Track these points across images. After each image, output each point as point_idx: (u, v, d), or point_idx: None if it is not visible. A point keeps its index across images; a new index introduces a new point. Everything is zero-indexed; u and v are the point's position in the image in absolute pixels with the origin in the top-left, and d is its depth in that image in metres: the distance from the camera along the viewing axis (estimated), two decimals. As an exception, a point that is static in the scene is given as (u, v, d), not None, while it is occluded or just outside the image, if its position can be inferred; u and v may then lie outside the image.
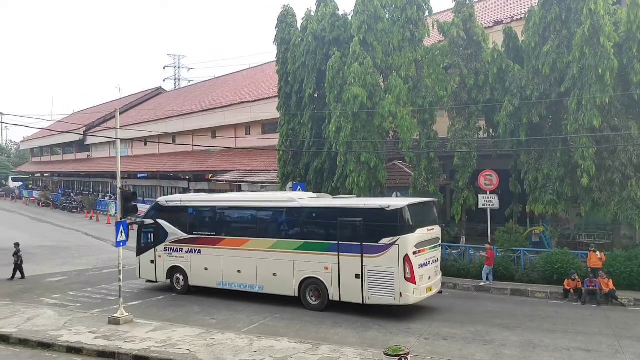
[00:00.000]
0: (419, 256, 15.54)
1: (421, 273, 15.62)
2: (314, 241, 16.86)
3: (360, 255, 15.82)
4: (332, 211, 17.03)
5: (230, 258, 18.26)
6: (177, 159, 43.77)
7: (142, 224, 20.56)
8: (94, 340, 13.61)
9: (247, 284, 18.13)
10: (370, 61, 22.34)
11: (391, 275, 15.31)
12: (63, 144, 68.08)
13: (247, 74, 49.41)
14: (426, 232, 16.18)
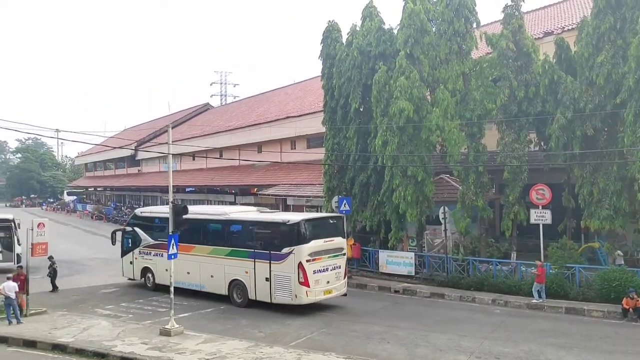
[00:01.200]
0: (313, 263, 18.01)
1: (317, 278, 18.11)
2: (238, 249, 19.63)
3: (269, 262, 18.51)
4: (250, 224, 19.87)
5: (182, 262, 19.75)
6: (224, 173, 44.52)
7: (124, 231, 24.27)
8: (147, 351, 13.90)
9: (194, 284, 20.94)
10: (417, 74, 22.24)
11: (289, 279, 17.98)
12: (115, 159, 70.41)
13: (292, 89, 49.94)
14: (323, 243, 18.63)
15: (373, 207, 24.84)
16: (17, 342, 15.31)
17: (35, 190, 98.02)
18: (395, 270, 23.73)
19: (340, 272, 19.24)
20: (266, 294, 18.64)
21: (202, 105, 68.40)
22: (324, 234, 19.08)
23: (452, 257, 22.54)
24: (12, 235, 27.30)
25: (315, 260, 18.16)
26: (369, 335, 15.44)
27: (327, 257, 18.72)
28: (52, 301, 20.35)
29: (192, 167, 50.50)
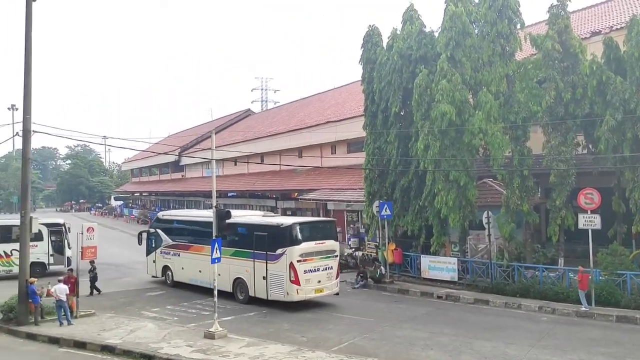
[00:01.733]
0: (304, 264, 19.36)
1: (307, 277, 19.49)
2: (240, 249, 21.17)
3: (266, 262, 20.05)
4: (251, 226, 21.35)
5: (195, 261, 22.88)
6: (265, 178, 44.96)
7: (149, 232, 26.56)
8: (191, 353, 14.16)
9: (205, 281, 22.10)
10: (459, 77, 21.96)
11: (282, 277, 19.47)
12: (160, 165, 72.07)
13: (332, 94, 50.06)
14: (314, 245, 19.98)
15: (414, 212, 24.61)
16: (67, 343, 15.85)
17: (84, 195, 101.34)
18: (438, 276, 23.44)
19: (331, 272, 20.41)
20: (263, 292, 20.22)
21: (243, 111, 69.36)
22: (316, 236, 20.47)
23: (496, 262, 22.09)
24: (62, 239, 28.31)
25: (306, 261, 19.52)
26: (412, 342, 15.29)
27: (319, 258, 20.02)
28: (101, 303, 20.98)
29: (234, 172, 51.21)
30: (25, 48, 18.45)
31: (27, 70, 18.45)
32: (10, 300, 18.39)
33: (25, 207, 18.76)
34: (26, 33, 18.44)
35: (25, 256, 18.48)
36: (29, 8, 18.40)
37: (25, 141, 18.62)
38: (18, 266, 19.13)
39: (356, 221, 34.05)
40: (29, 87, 18.49)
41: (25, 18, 18.41)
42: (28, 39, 18.46)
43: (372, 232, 27.25)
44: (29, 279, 18.00)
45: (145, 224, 62.09)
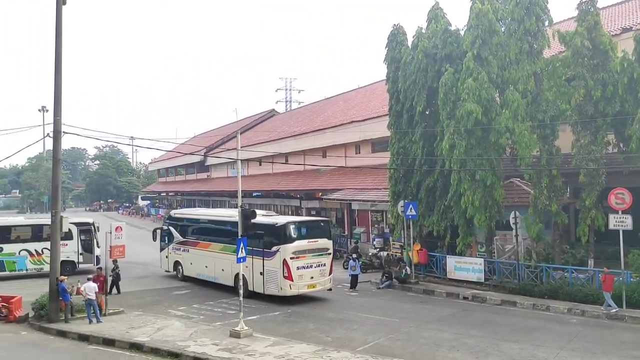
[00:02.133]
0: (297, 261, 20.51)
1: (300, 273, 20.62)
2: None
3: (262, 258, 21.26)
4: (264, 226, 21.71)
5: (202, 257, 24.85)
6: (290, 178, 45.11)
7: (162, 229, 28.30)
8: (218, 352, 14.28)
9: (211, 276, 24.21)
10: (485, 76, 21.71)
11: (276, 273, 20.68)
12: (186, 165, 72.87)
13: (356, 93, 49.96)
14: (307, 243, 21.10)
15: (440, 212, 24.41)
16: (97, 340, 16.13)
17: (112, 195, 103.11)
18: (464, 277, 23.21)
19: (324, 269, 21.53)
20: (260, 286, 21.49)
21: (268, 112, 69.68)
22: (309, 235, 21.59)
23: (524, 263, 21.76)
24: (92, 238, 28.85)
25: (299, 258, 20.69)
26: (438, 343, 15.17)
27: (311, 255, 21.13)
28: (129, 301, 21.29)
29: (259, 172, 51.49)
30: (56, 51, 18.84)
31: (57, 72, 18.84)
32: (42, 297, 18.82)
33: (56, 207, 19.16)
34: (56, 36, 18.82)
35: (56, 254, 18.87)
36: (59, 12, 18.78)
37: (56, 142, 19.01)
38: (49, 264, 19.55)
39: (380, 221, 33.92)
40: (59, 89, 18.88)
41: (56, 22, 18.79)
42: (58, 42, 18.83)
43: (397, 232, 27.11)
44: (60, 277, 18.38)
45: (172, 224, 63.04)
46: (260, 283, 21.41)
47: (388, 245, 30.51)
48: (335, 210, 39.97)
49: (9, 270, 27.16)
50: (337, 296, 22.71)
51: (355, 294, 23.24)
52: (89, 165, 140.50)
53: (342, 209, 38.37)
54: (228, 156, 42.48)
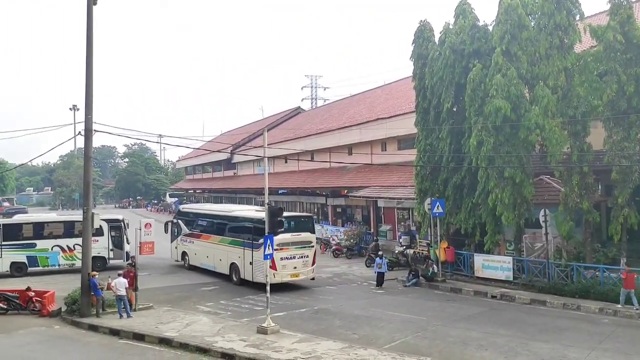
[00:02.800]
0: (280, 252, 22.08)
1: (284, 264, 22.69)
2: (234, 238, 24.98)
3: (252, 249, 23.17)
4: (242, 219, 25.32)
5: (204, 248, 27.45)
6: (316, 175, 45.16)
7: (172, 222, 30.45)
8: (245, 348, 14.41)
9: (211, 265, 26.75)
10: (514, 71, 21.38)
11: (263, 263, 20.52)
12: (212, 163, 73.59)
13: (382, 91, 49.69)
14: (290, 236, 22.88)
15: (467, 210, 24.14)
16: (127, 334, 16.43)
17: (141, 192, 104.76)
18: (492, 275, 22.94)
19: (307, 260, 23.46)
20: (250, 275, 23.48)
21: (293, 109, 69.80)
22: (293, 229, 23.35)
23: (553, 262, 21.39)
24: (122, 235, 29.35)
25: (282, 250, 22.39)
26: (465, 341, 15.03)
27: (294, 247, 23.08)
28: (157, 297, 21.63)
29: (285, 170, 51.64)
30: (87, 51, 19.21)
31: (88, 72, 19.21)
32: (74, 292, 19.25)
33: (87, 204, 19.55)
34: (87, 36, 19.18)
35: (87, 250, 19.26)
36: (89, 12, 19.13)
37: (87, 140, 19.39)
38: (80, 260, 19.96)
39: (407, 219, 33.75)
40: (90, 88, 19.24)
41: (87, 22, 19.15)
42: (89, 42, 19.20)
43: (424, 230, 26.91)
44: (91, 273, 18.77)
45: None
46: (250, 272, 23.44)
47: (414, 243, 30.34)
48: (361, 208, 39.89)
49: (42, 266, 27.83)
50: (364, 294, 22.71)
51: (382, 291, 23.18)
52: (118, 163, 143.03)
53: (368, 207, 38.26)
54: (254, 154, 42.73)
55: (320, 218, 46.01)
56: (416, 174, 26.92)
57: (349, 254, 32.91)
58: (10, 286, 22.05)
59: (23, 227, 28.64)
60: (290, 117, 66.29)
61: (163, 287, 24.11)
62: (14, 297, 19.92)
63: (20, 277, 26.18)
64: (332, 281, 25.82)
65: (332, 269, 29.05)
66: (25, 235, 28.17)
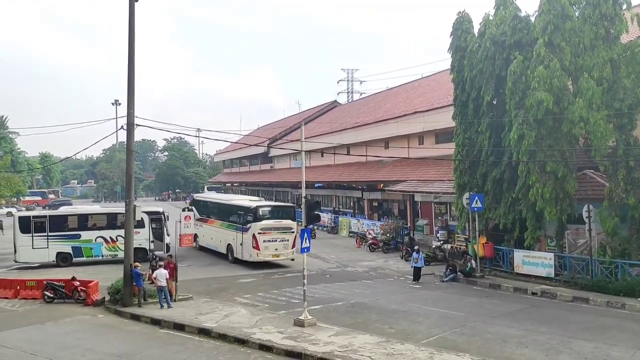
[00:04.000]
0: (263, 235, 26.56)
1: (266, 245, 26.64)
2: (231, 223, 29.43)
3: (242, 233, 27.55)
4: (237, 207, 29.62)
5: (210, 231, 31.80)
6: (352, 169, 45.10)
7: (188, 208, 32.23)
8: (282, 340, 14.54)
9: (214, 245, 31.15)
10: (557, 63, 20.82)
11: (249, 244, 26.82)
12: (249, 156, 74.32)
13: (419, 84, 49.16)
14: (272, 222, 27.14)
15: (507, 205, 23.70)
16: (168, 324, 16.79)
17: (180, 185, 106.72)
18: (532, 272, 22.50)
19: (287, 243, 27.27)
20: (240, 254, 27.74)
21: (329, 103, 69.77)
22: (275, 216, 27.80)
23: (597, 259, 20.82)
24: (162, 227, 29.98)
25: (265, 233, 26.64)
26: (505, 338, 14.79)
27: (276, 232, 26.99)
28: (197, 288, 22.03)
29: (321, 164, 51.76)
30: (129, 47, 19.62)
31: (130, 68, 19.64)
32: (116, 282, 19.77)
33: (129, 196, 20.02)
34: (129, 33, 19.60)
35: (129, 242, 19.75)
36: (131, 9, 19.53)
37: (129, 134, 19.84)
38: (122, 251, 20.48)
39: (444, 213, 33.39)
40: (132, 83, 19.67)
41: (129, 19, 19.56)
42: (131, 39, 19.60)
43: (462, 225, 26.56)
44: (133, 263, 19.25)
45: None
46: (240, 251, 27.67)
47: (452, 238, 29.99)
48: (397, 202, 39.66)
49: (86, 256, 28.67)
50: (400, 288, 22.62)
51: (419, 286, 23.03)
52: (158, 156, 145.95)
53: (404, 201, 38.02)
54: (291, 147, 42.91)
55: (356, 212, 46.00)
56: (454, 168, 26.57)
57: (386, 249, 32.79)
58: (56, 276, 22.79)
59: (68, 218, 29.55)
60: (326, 111, 66.32)
61: (202, 279, 24.54)
62: (60, 287, 20.62)
63: (66, 267, 27.03)
64: (368, 275, 25.79)
65: (368, 263, 29.01)
66: (70, 226, 29.07)
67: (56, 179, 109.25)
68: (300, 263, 16.50)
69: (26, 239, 28.01)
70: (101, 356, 13.83)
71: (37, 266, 27.88)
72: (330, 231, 43.21)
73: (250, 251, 26.78)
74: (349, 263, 29.22)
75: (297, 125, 55.71)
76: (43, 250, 28.10)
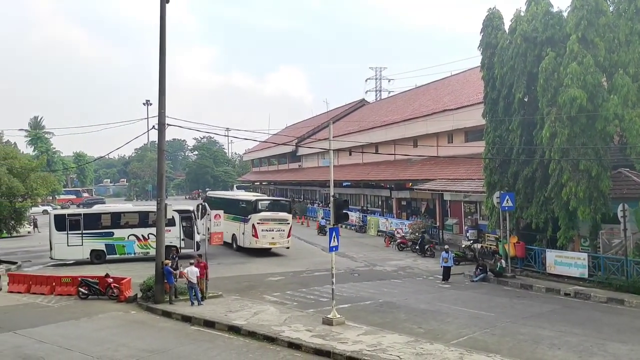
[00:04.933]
0: (262, 225, 29.83)
1: (264, 234, 29.96)
2: (235, 215, 32.17)
3: (244, 223, 31.21)
4: (240, 201, 33.61)
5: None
6: (380, 168, 44.91)
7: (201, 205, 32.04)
8: (311, 338, 14.61)
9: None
10: (591, 59, 20.37)
11: (249, 233, 30.31)
12: (278, 155, 74.75)
13: (448, 81, 48.64)
14: (270, 214, 30.94)
15: (539, 204, 23.28)
16: (198, 321, 17.05)
17: (210, 184, 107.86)
18: (565, 272, 22.07)
19: (283, 233, 30.54)
20: (242, 242, 31.48)
21: (357, 102, 69.61)
22: (273, 209, 31.97)
23: (633, 259, 20.29)
24: (192, 225, 30.39)
25: (263, 224, 29.98)
26: (536, 340, 14.56)
27: (273, 223, 30.42)
28: (226, 286, 22.28)
29: (349, 162, 51.70)
30: (160, 50, 19.96)
31: (161, 69, 19.98)
32: (148, 280, 20.16)
33: (160, 195, 20.39)
34: (160, 36, 19.92)
35: (161, 239, 20.11)
36: (162, 10, 19.84)
37: (160, 134, 20.19)
38: (154, 249, 20.86)
39: (474, 212, 32.99)
40: (163, 84, 20.00)
41: (160, 20, 19.88)
42: (162, 42, 19.93)
43: (492, 224, 26.20)
44: (164, 261, 19.58)
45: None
46: (242, 240, 31.35)
47: (482, 237, 29.62)
48: (426, 201, 39.35)
49: (119, 254, 29.28)
50: (429, 288, 22.47)
51: (448, 286, 22.84)
52: (188, 155, 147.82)
53: (433, 200, 37.69)
54: (319, 146, 42.96)
55: (384, 211, 45.81)
56: (484, 166, 26.22)
57: (414, 248, 32.60)
58: (90, 273, 23.37)
59: (102, 216, 30.25)
60: (354, 110, 66.17)
61: (231, 277, 24.81)
62: (94, 283, 21.13)
63: (99, 264, 27.67)
64: (396, 274, 25.68)
65: (396, 262, 28.89)
66: (104, 224, 29.75)
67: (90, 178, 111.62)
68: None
69: (61, 237, 28.76)
70: (134, 352, 14.12)
71: (72, 263, 28.59)
72: (359, 230, 43.15)
73: (250, 239, 30.34)
74: (377, 262, 29.15)
75: (325, 124, 55.76)
76: (77, 248, 28.81)
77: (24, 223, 31.10)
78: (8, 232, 29.75)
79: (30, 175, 28.24)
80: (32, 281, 22.67)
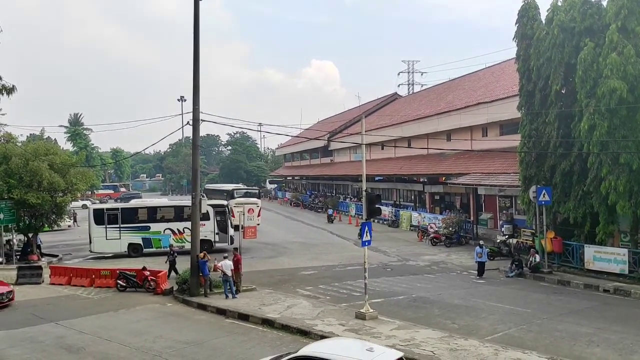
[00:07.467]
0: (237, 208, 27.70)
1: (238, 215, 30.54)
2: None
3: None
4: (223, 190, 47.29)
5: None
6: (412, 162, 44.54)
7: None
8: (344, 332, 14.66)
9: None
10: (632, 49, 19.77)
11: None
12: (310, 150, 74.85)
13: (482, 74, 47.78)
14: (243, 199, 38.51)
15: (577, 198, 22.75)
16: (233, 314, 17.30)
17: (243, 179, 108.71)
18: (604, 268, 21.54)
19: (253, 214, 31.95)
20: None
21: (390, 95, 69.11)
22: (245, 195, 43.54)
23: (676, 256, 19.67)
24: (226, 219, 30.81)
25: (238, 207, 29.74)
26: (574, 337, 14.28)
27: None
28: (260, 279, 22.52)
29: (381, 157, 51.44)
30: (194, 46, 20.22)
31: (195, 66, 20.24)
32: (184, 273, 20.54)
33: (195, 190, 20.72)
34: (194, 32, 20.18)
35: (196, 233, 20.45)
36: (196, 11, 20.08)
37: (195, 129, 20.48)
38: (189, 242, 21.21)
39: (509, 207, 32.45)
40: (197, 81, 20.27)
41: (194, 19, 20.14)
42: (196, 38, 20.18)
43: (530, 219, 25.72)
44: (200, 255, 19.91)
45: (297, 206, 65.43)
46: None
47: (517, 232, 29.12)
48: (460, 195, 38.87)
49: (156, 247, 29.88)
50: (463, 283, 22.24)
51: (482, 281, 22.56)
52: (221, 150, 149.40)
53: (467, 194, 37.21)
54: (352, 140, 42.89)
55: (417, 205, 45.47)
56: (520, 160, 25.75)
57: (448, 243, 32.28)
58: (128, 265, 23.93)
59: (138, 211, 30.94)
60: (386, 104, 65.74)
61: (265, 270, 25.06)
62: (131, 276, 21.66)
63: (136, 258, 28.31)
64: (430, 269, 25.50)
65: (430, 257, 28.68)
66: (141, 218, 30.42)
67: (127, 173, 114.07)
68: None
69: (100, 231, 29.55)
70: (171, 343, 14.44)
71: (110, 256, 29.34)
72: (391, 224, 42.95)
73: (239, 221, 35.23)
74: (410, 257, 28.99)
75: (357, 118, 55.55)
76: (115, 241, 29.56)
77: (64, 217, 31.98)
78: (49, 226, 30.70)
79: (70, 170, 29.00)
80: (72, 273, 23.40)
